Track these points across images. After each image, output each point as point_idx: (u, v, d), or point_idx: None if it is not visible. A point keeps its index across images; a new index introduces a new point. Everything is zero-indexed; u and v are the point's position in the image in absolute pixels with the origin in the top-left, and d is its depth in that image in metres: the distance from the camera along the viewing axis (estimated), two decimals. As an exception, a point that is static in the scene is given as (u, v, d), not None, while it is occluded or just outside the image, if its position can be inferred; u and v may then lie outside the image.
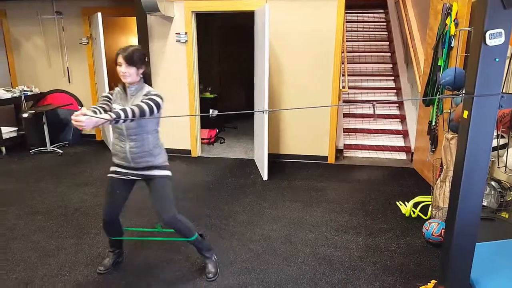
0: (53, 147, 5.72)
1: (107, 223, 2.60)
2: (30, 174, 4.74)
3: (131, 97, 2.40)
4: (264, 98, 4.33)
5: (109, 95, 2.45)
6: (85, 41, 5.93)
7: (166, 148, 5.62)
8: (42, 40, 6.11)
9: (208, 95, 6.79)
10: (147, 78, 2.46)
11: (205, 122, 6.05)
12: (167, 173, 2.58)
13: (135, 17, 5.14)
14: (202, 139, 5.81)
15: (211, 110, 6.61)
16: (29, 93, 5.97)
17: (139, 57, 2.33)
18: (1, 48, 6.23)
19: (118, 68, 2.32)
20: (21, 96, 5.78)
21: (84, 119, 1.97)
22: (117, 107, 2.34)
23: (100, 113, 2.24)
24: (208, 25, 6.73)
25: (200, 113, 5.68)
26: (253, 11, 4.81)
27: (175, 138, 5.51)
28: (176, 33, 5.09)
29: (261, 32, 4.40)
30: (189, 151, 5.51)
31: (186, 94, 5.31)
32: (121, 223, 2.71)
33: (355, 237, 3.21)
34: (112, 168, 2.56)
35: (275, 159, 5.15)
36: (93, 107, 2.28)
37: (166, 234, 2.91)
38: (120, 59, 2.30)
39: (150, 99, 2.29)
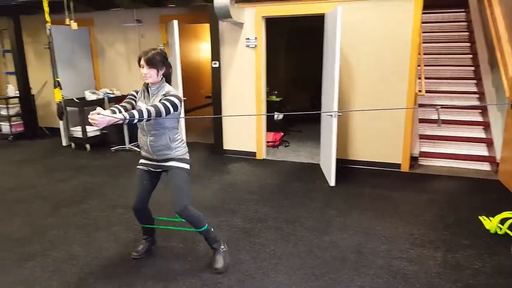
0: (132, 145, 6.10)
1: (136, 210, 2.82)
2: (111, 170, 5.09)
3: (152, 96, 2.58)
4: (333, 101, 4.23)
5: (134, 94, 2.67)
6: (161, 47, 6.25)
7: (232, 150, 5.77)
8: (123, 47, 6.56)
9: (274, 98, 6.81)
10: (169, 79, 2.66)
11: (271, 125, 6.06)
12: (184, 165, 2.70)
13: (208, 24, 5.32)
14: (267, 142, 5.84)
15: (275, 114, 6.63)
16: (111, 95, 6.43)
17: (159, 60, 2.51)
18: (88, 53, 6.80)
19: (141, 69, 2.51)
20: (104, 98, 6.24)
21: (98, 117, 2.19)
22: (141, 105, 2.59)
23: (120, 112, 2.45)
24: (275, 28, 6.77)
25: (267, 117, 5.71)
26: (324, 14, 4.74)
27: (241, 140, 5.59)
28: (246, 38, 5.18)
29: (331, 35, 4.31)
30: (254, 153, 5.56)
31: (253, 97, 5.37)
32: (150, 211, 2.92)
33: (433, 252, 2.99)
34: (140, 160, 2.80)
35: (342, 165, 5.00)
36: (114, 107, 2.50)
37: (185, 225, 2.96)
38: (142, 62, 2.49)
39: (167, 99, 2.45)
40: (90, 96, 6.22)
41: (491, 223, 3.30)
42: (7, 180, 4.72)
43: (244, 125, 5.52)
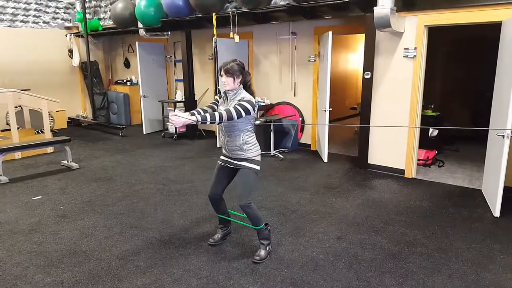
0: (276, 152, 6.41)
1: (211, 200, 3.18)
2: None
3: (230, 101, 2.91)
4: (507, 119, 3.68)
5: (218, 99, 3.07)
6: (313, 58, 6.41)
7: (377, 165, 5.55)
8: (277, 58, 6.95)
9: (429, 113, 6.29)
10: (248, 85, 2.97)
11: (423, 142, 5.61)
12: (254, 166, 2.98)
13: (360, 34, 5.24)
14: (418, 159, 5.41)
15: (430, 130, 6.10)
16: (262, 104, 6.89)
17: (236, 69, 2.83)
18: (245, 64, 7.40)
19: (220, 78, 2.88)
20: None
21: (174, 118, 2.62)
22: (221, 108, 2.90)
23: (199, 114, 2.83)
24: (435, 37, 6.23)
25: (420, 132, 5.30)
26: (500, 22, 4.18)
27: (389, 155, 5.32)
28: (404, 48, 4.91)
29: (509, 45, 3.77)
30: (402, 171, 5.23)
31: (407, 110, 5.06)
32: (224, 203, 3.26)
33: None
34: (220, 156, 3.14)
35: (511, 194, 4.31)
36: (195, 110, 2.91)
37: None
38: (222, 72, 2.84)
39: (240, 104, 2.75)
40: (244, 103, 6.75)
41: None
42: (171, 173, 5.47)
43: (394, 139, 5.24)
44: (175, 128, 7.68)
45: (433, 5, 4.59)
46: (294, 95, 6.82)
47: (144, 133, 8.39)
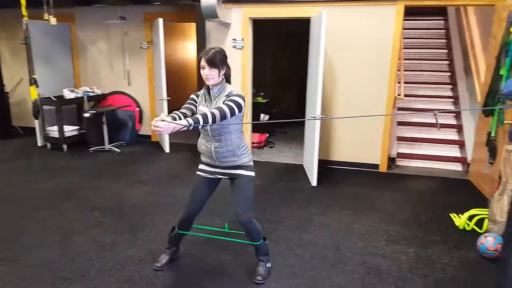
0: (111, 146, 6.01)
1: (187, 219, 2.71)
2: (89, 171, 5.00)
3: (215, 98, 2.44)
4: (316, 104, 4.35)
5: (195, 98, 2.53)
6: (146, 45, 6.24)
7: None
8: (106, 44, 6.50)
9: (260, 100, 6.89)
10: (229, 80, 2.52)
11: (256, 127, 6.15)
12: (251, 173, 2.60)
13: (195, 23, 5.35)
14: (252, 143, 5.91)
15: (262, 115, 6.70)
16: (91, 94, 6.29)
17: (220, 59, 2.37)
18: (67, 50, 6.64)
19: (201, 71, 2.38)
20: (84, 97, 6.09)
21: (162, 124, 2.08)
22: (202, 109, 2.44)
23: (180, 118, 2.32)
24: (264, 30, 6.83)
25: (252, 116, 5.77)
26: (309, 17, 4.86)
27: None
28: (232, 39, 5.24)
29: (316, 39, 4.43)
30: (238, 154, 5.62)
31: (238, 98, 5.43)
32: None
33: (406, 248, 3.15)
34: (200, 167, 2.68)
35: (325, 165, 5.13)
36: (174, 113, 2.36)
37: (234, 236, 2.99)
38: (203, 62, 2.34)
39: (231, 100, 2.32)
40: (68, 94, 6.05)
41: (460, 220, 3.49)
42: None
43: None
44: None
45: (254, -1, 5.01)
46: (129, 84, 6.53)
47: None
